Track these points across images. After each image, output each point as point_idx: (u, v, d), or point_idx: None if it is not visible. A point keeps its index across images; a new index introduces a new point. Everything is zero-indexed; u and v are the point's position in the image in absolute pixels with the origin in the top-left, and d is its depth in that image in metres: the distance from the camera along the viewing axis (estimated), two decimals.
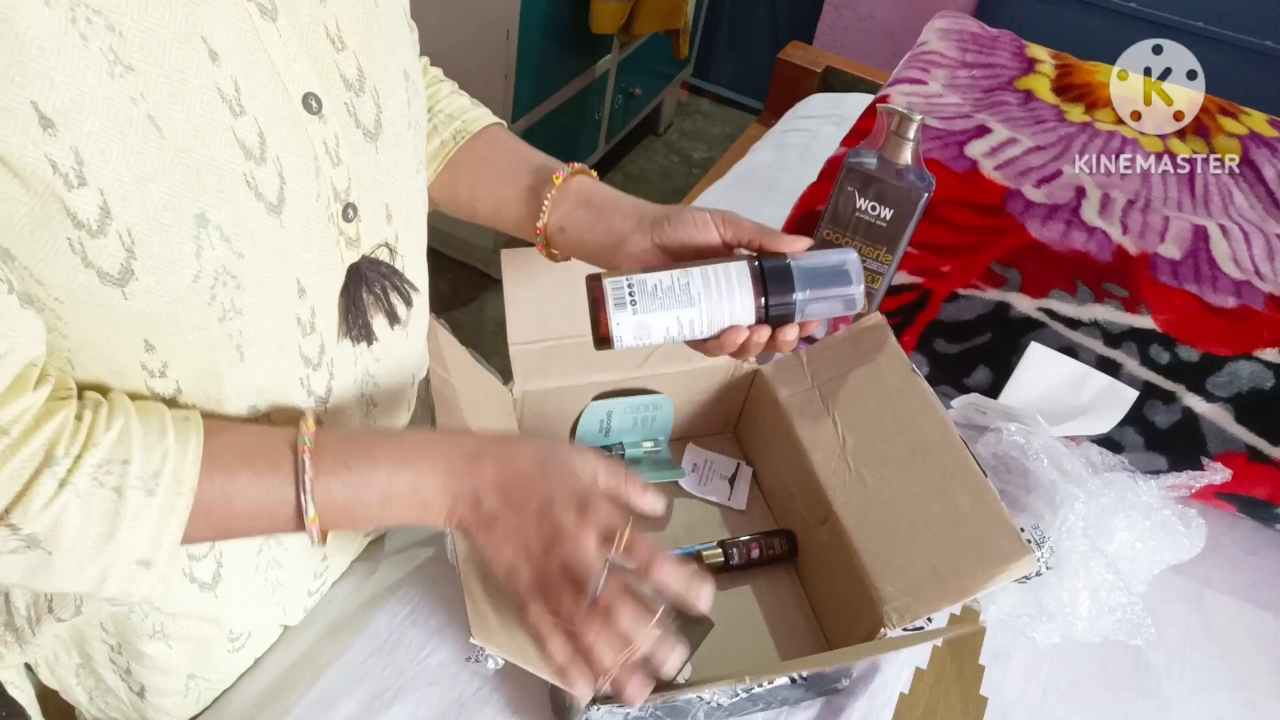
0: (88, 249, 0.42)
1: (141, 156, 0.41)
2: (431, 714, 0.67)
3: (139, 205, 0.42)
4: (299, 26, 0.48)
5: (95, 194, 0.41)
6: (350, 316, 0.56)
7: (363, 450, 0.53)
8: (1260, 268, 0.95)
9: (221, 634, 0.65)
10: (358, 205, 0.54)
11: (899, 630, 0.65)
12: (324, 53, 0.50)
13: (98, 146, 0.40)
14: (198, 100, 0.43)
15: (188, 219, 0.44)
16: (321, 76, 0.50)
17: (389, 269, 0.58)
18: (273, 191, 0.47)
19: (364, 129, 0.53)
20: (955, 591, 0.64)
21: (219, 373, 0.51)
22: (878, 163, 0.84)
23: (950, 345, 0.96)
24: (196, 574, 0.60)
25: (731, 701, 0.66)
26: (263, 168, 0.46)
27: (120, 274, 0.43)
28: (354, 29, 0.52)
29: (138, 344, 0.47)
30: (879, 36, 2.50)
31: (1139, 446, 0.92)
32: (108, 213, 0.41)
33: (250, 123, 0.45)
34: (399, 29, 0.57)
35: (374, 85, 0.53)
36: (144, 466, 0.46)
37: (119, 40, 0.40)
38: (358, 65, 0.52)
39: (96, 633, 0.62)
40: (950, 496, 0.67)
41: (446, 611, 0.72)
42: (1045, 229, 0.96)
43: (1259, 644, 0.85)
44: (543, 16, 1.95)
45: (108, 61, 0.40)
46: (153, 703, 0.66)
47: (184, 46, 0.42)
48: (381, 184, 0.56)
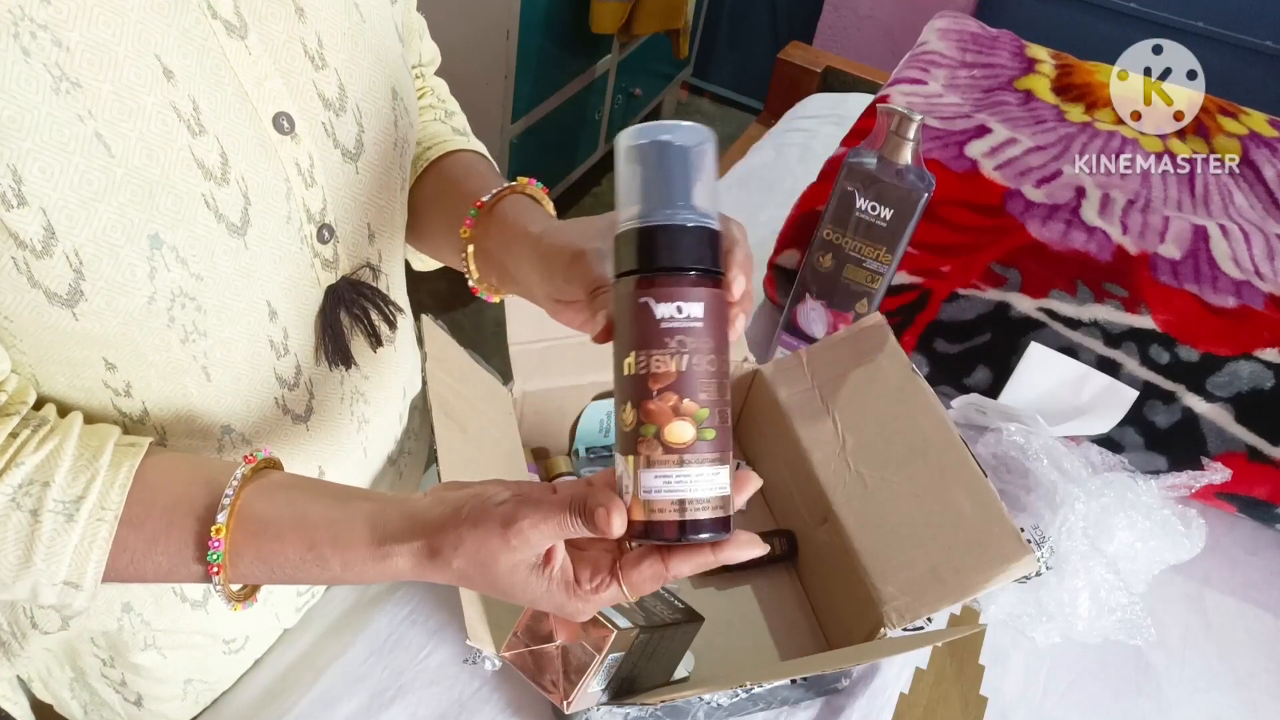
0: (33, 269, 0.41)
1: (88, 175, 0.40)
2: (431, 714, 0.66)
3: (86, 225, 0.41)
4: (272, 44, 0.47)
5: (37, 214, 0.39)
6: (326, 340, 0.55)
7: (276, 530, 0.45)
8: (1260, 268, 0.95)
9: (216, 642, 0.65)
10: (335, 226, 0.53)
11: (899, 630, 0.65)
12: (300, 70, 0.49)
13: (38, 165, 0.38)
14: (152, 118, 0.41)
15: (140, 240, 0.42)
16: (296, 95, 0.48)
17: (371, 290, 0.57)
18: (235, 213, 0.46)
19: (343, 149, 0.52)
20: (955, 591, 0.64)
21: (185, 394, 0.49)
22: (878, 163, 0.84)
23: (950, 345, 0.96)
24: (188, 594, 0.59)
25: (731, 701, 0.66)
26: (224, 188, 0.45)
27: (69, 295, 0.42)
28: (338, 46, 0.50)
29: (97, 363, 0.46)
30: (879, 36, 2.50)
31: (1139, 446, 0.92)
32: (52, 233, 0.40)
33: (211, 142, 0.44)
34: (388, 46, 0.55)
35: (356, 104, 0.52)
36: (66, 490, 0.43)
37: (66, 55, 0.38)
38: (339, 83, 0.51)
39: (88, 647, 0.61)
40: (950, 496, 0.67)
41: (446, 611, 0.72)
42: (1045, 229, 0.96)
43: (1259, 644, 0.85)
44: (543, 16, 1.95)
45: (53, 77, 0.38)
46: (151, 709, 0.65)
47: (136, 64, 0.41)
48: (363, 204, 0.55)
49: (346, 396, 0.60)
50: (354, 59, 0.52)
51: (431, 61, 0.72)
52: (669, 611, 0.62)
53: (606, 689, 0.58)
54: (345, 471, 0.64)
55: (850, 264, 0.88)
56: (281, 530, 0.45)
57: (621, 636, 0.54)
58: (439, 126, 0.70)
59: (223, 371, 0.50)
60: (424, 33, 0.70)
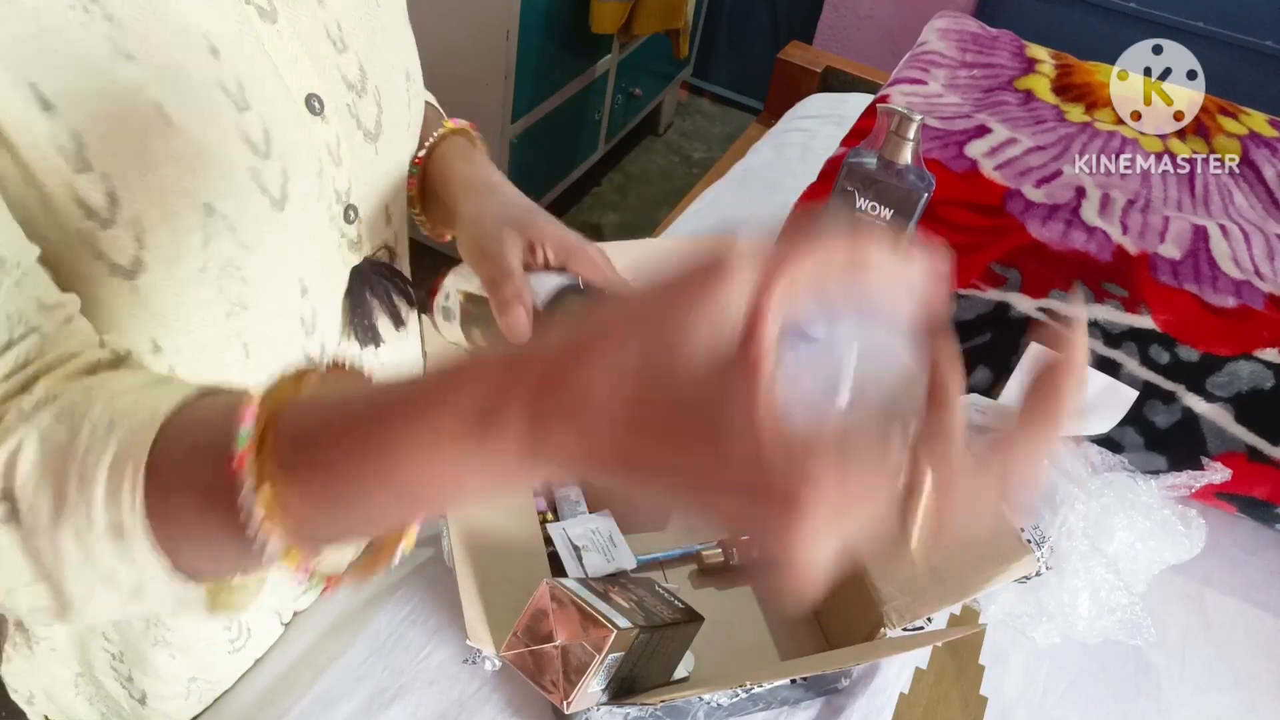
0: (99, 240, 0.41)
1: (147, 143, 0.41)
2: (431, 714, 0.66)
3: (144, 192, 0.41)
4: (299, 29, 0.48)
5: (101, 178, 0.40)
6: (357, 319, 0.56)
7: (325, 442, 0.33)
8: (1260, 268, 0.95)
9: (223, 638, 0.65)
10: (358, 207, 0.54)
11: (899, 630, 0.65)
12: (325, 54, 0.50)
13: (99, 131, 0.39)
14: (202, 93, 0.42)
15: (197, 208, 0.43)
16: (323, 78, 0.50)
17: (390, 270, 0.58)
18: (276, 187, 0.47)
19: (365, 130, 0.53)
20: (955, 591, 0.64)
21: (225, 374, 0.50)
22: (878, 163, 0.84)
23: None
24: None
25: (731, 701, 0.66)
26: (268, 163, 0.46)
27: (132, 265, 0.43)
28: (356, 30, 0.52)
29: (145, 344, 0.47)
30: (879, 36, 2.50)
31: (1139, 446, 0.92)
32: (115, 200, 0.41)
33: (255, 118, 0.45)
34: (400, 29, 0.57)
35: (375, 86, 0.53)
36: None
37: (116, 29, 0.39)
38: (360, 66, 0.52)
39: (98, 641, 0.62)
40: None
41: (446, 611, 0.72)
42: (1045, 229, 0.96)
43: (1259, 644, 0.85)
44: (543, 16, 1.95)
45: (110, 49, 0.39)
46: (154, 708, 0.66)
47: (184, 40, 0.42)
48: (381, 186, 0.56)
49: None
50: (371, 42, 0.53)
51: None
52: (669, 611, 0.62)
53: (606, 689, 0.58)
54: None
55: None
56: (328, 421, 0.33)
57: (621, 636, 0.54)
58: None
59: (261, 347, 0.51)
60: None
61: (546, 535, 0.72)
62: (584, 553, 0.72)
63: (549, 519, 0.76)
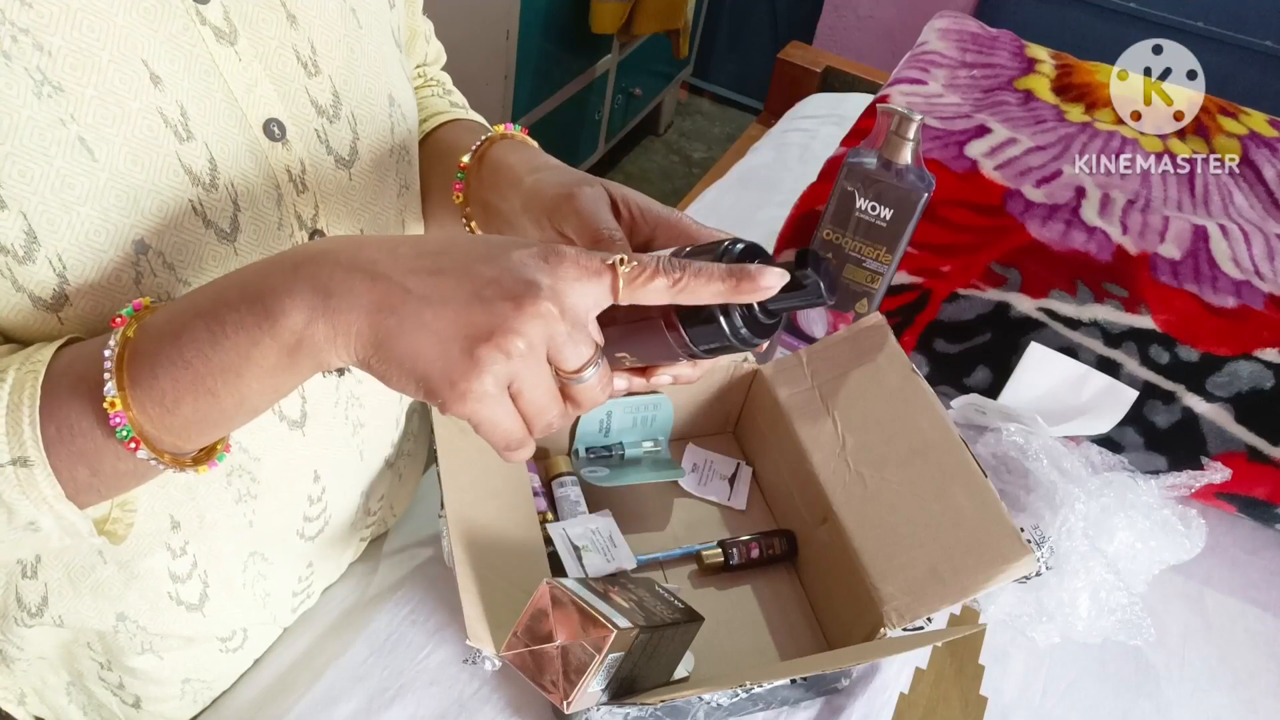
0: (16, 274, 0.40)
1: (69, 179, 0.40)
2: (431, 714, 0.66)
3: (68, 230, 0.40)
4: (263, 50, 0.47)
5: (17, 217, 0.39)
6: None
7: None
8: (1260, 268, 0.95)
9: (212, 641, 0.64)
10: (326, 231, 0.53)
11: (899, 630, 0.65)
12: (292, 77, 0.48)
13: (17, 168, 0.38)
14: (137, 124, 0.41)
15: (124, 245, 0.42)
16: (287, 102, 0.48)
17: None
18: (224, 219, 0.46)
19: (336, 155, 0.52)
20: (955, 591, 0.64)
21: None
22: (878, 163, 0.84)
23: (950, 345, 0.96)
24: (183, 596, 0.59)
25: (731, 701, 0.66)
26: (213, 194, 0.45)
27: (54, 299, 0.42)
28: (332, 53, 0.50)
29: None
30: (879, 36, 2.50)
31: (1139, 446, 0.92)
32: (34, 237, 0.40)
33: (199, 148, 0.44)
34: (385, 52, 0.55)
35: (351, 111, 0.52)
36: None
37: (48, 60, 0.38)
38: (333, 90, 0.51)
39: (84, 651, 0.61)
40: (950, 496, 0.67)
41: (446, 611, 0.72)
42: (1045, 229, 0.96)
43: (1259, 644, 0.85)
44: (543, 16, 1.95)
45: (34, 81, 0.38)
46: (150, 710, 0.65)
47: (121, 69, 0.40)
48: (355, 210, 0.54)
49: (341, 401, 0.60)
50: (350, 66, 0.52)
51: (436, 60, 0.73)
52: (669, 611, 0.62)
53: (606, 689, 0.57)
54: (341, 475, 0.64)
55: (850, 264, 0.88)
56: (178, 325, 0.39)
57: (621, 636, 0.54)
58: (436, 101, 0.70)
59: None
60: (430, 35, 0.71)
61: (546, 535, 0.72)
62: (584, 553, 0.72)
63: (549, 519, 0.76)
